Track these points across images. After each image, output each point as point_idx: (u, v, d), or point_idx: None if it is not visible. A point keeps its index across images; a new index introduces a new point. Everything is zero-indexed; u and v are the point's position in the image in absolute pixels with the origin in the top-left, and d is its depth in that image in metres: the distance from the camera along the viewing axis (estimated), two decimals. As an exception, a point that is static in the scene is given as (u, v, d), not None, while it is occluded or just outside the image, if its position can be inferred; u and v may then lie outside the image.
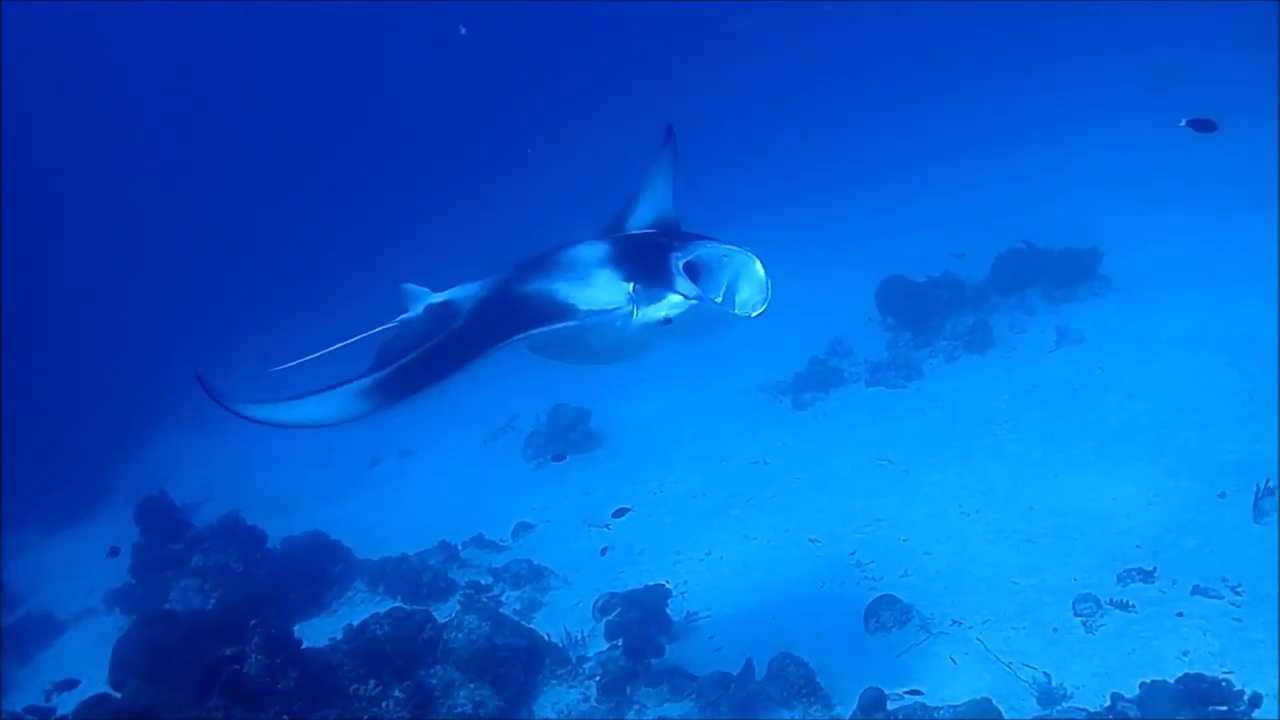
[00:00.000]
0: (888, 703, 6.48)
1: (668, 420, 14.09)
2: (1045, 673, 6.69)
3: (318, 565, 10.57)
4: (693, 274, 5.03)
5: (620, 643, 7.97)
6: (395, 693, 7.47)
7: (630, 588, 8.78)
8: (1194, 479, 8.57)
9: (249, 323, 24.42)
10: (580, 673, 7.93)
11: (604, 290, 5.07)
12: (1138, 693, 6.09)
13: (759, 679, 7.18)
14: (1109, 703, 6.18)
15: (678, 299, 4.94)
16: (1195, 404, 9.90)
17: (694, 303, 4.92)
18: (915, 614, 7.72)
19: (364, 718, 7.32)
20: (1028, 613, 7.42)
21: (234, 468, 17.14)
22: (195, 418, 19.72)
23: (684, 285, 4.95)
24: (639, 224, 5.87)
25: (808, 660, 7.17)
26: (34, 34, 36.54)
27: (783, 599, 8.50)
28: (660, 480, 11.90)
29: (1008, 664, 6.88)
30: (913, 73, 35.58)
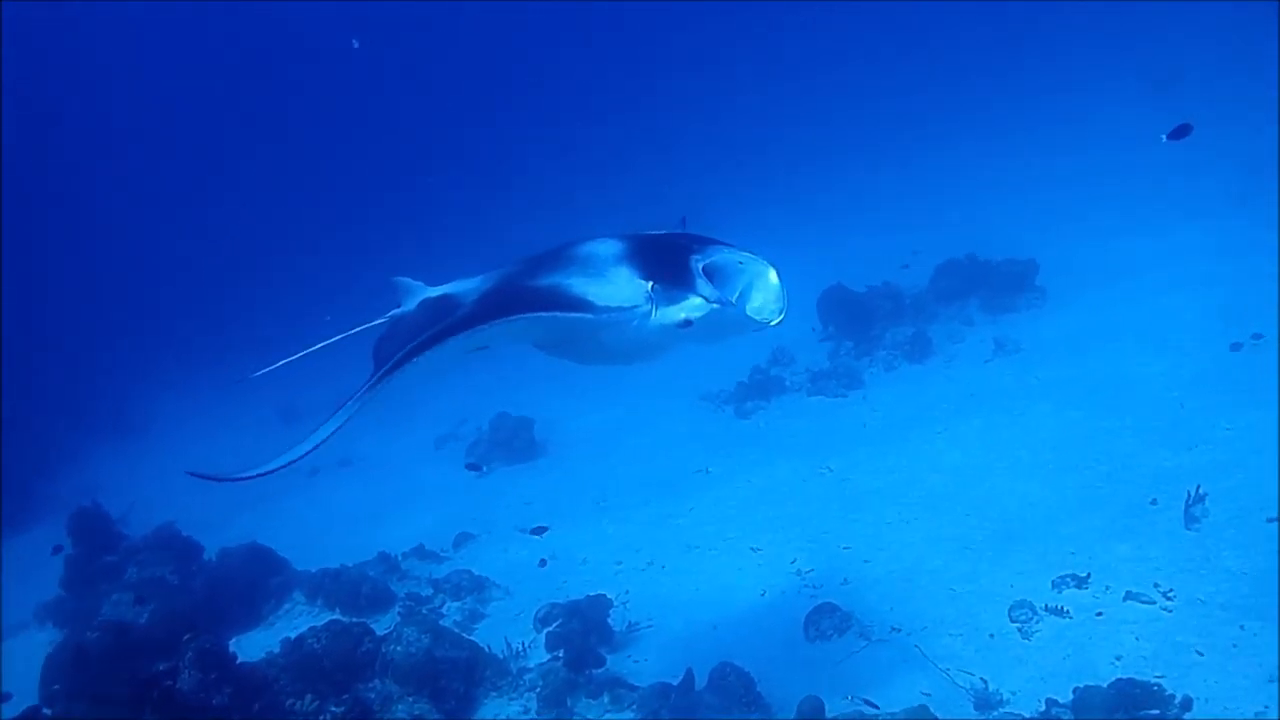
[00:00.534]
0: (826, 710, 6.51)
1: (611, 429, 14.12)
2: (982, 679, 6.74)
3: (255, 577, 10.42)
4: (709, 278, 4.93)
5: (561, 654, 7.95)
6: (333, 708, 7.34)
7: (572, 598, 8.75)
8: (1127, 486, 8.72)
9: (233, 332, 24.19)
10: (521, 684, 7.85)
11: (622, 287, 4.93)
12: (1072, 697, 6.18)
13: (699, 688, 7.17)
14: (1044, 708, 6.25)
15: (698, 301, 4.84)
16: (1128, 412, 10.08)
17: (715, 307, 4.82)
18: (855, 622, 7.76)
19: (301, 733, 7.22)
20: (965, 619, 7.49)
21: (167, 479, 16.73)
22: (122, 427, 19.33)
23: (705, 288, 4.85)
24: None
25: (748, 669, 7.16)
26: (34, 34, 36.12)
27: (724, 608, 8.51)
28: (602, 489, 11.90)
29: (945, 670, 6.93)
30: (862, 78, 36.04)
